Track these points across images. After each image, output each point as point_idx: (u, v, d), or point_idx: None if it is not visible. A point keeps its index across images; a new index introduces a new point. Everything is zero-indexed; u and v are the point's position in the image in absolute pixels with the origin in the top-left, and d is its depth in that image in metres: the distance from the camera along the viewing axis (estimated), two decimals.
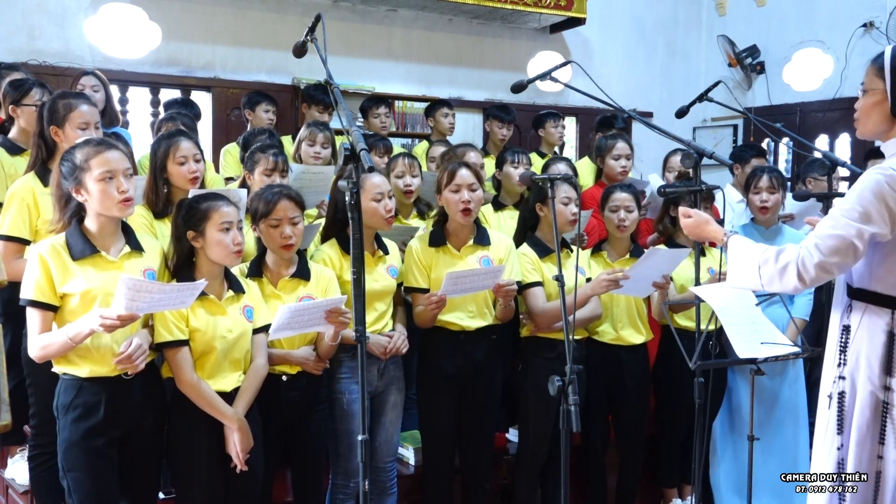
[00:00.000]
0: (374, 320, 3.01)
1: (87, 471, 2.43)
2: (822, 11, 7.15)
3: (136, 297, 2.23)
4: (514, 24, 7.15)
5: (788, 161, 7.51)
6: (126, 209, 2.45)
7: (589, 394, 3.43)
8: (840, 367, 2.20)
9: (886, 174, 2.06)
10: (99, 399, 2.44)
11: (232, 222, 2.59)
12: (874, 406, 2.12)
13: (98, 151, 2.41)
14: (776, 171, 3.82)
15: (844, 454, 2.18)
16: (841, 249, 2.07)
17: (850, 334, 2.19)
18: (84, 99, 3.10)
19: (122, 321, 2.24)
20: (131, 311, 2.24)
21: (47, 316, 2.39)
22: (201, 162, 3.09)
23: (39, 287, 2.36)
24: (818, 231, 2.12)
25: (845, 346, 2.20)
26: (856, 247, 2.07)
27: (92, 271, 2.41)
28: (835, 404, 2.20)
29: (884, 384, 2.12)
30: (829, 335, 2.29)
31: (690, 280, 3.19)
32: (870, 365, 2.14)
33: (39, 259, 2.37)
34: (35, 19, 5.48)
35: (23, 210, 2.86)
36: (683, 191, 3.00)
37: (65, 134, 2.96)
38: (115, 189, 2.40)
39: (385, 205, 3.00)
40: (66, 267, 2.39)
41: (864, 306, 2.17)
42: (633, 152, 4.37)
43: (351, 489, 3.02)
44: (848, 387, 2.18)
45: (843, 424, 2.18)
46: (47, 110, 2.99)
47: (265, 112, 4.96)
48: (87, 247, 2.42)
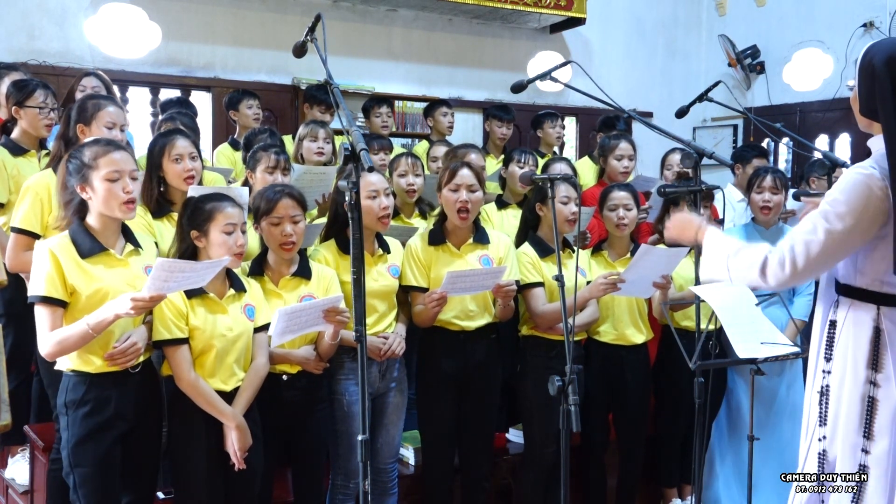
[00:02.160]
0: (374, 321, 3.01)
1: (96, 466, 2.45)
2: (822, 11, 7.16)
3: (169, 278, 2.28)
4: (514, 24, 7.15)
5: (788, 161, 7.51)
6: (129, 211, 2.47)
7: (589, 393, 3.43)
8: (827, 362, 2.21)
9: (866, 173, 2.06)
10: (109, 394, 2.46)
11: (236, 224, 2.60)
12: (860, 401, 2.13)
13: (107, 151, 2.43)
14: (779, 171, 3.83)
15: (827, 446, 2.19)
16: (820, 256, 2.07)
17: (836, 329, 2.20)
18: (112, 101, 3.15)
19: (153, 301, 2.30)
20: (161, 292, 2.30)
21: (58, 312, 2.39)
22: (197, 160, 3.09)
23: (52, 283, 2.37)
24: (796, 234, 2.11)
25: (831, 342, 2.21)
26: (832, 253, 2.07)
27: (102, 269, 2.43)
28: (821, 398, 2.21)
29: (870, 379, 2.13)
30: (813, 330, 2.30)
31: (691, 280, 3.19)
32: (856, 360, 2.14)
33: (51, 255, 2.37)
34: (35, 19, 5.48)
35: (36, 205, 2.89)
36: (683, 191, 3.00)
37: (91, 132, 2.99)
38: (120, 189, 2.42)
39: (380, 203, 2.99)
40: (77, 264, 2.40)
41: (850, 302, 2.17)
42: (636, 153, 4.37)
43: (351, 489, 3.02)
44: (834, 381, 2.19)
45: (828, 417, 2.19)
46: (76, 110, 3.04)
47: (248, 109, 4.92)
48: (95, 245, 2.44)
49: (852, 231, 2.05)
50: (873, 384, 2.12)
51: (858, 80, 2.14)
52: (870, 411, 2.12)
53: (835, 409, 2.18)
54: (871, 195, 2.04)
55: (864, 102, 2.14)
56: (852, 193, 2.06)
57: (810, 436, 2.26)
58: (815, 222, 2.09)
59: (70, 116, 3.07)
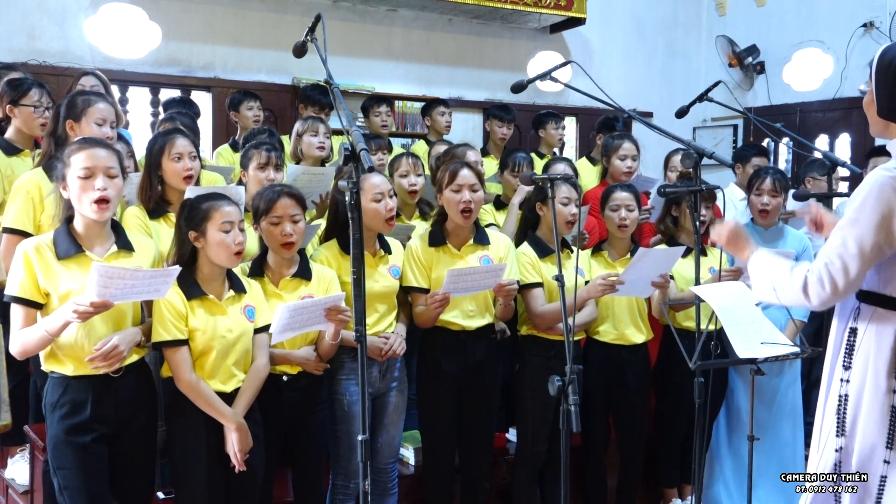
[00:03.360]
0: (375, 321, 3.00)
1: (75, 467, 2.43)
2: (822, 11, 7.15)
3: (109, 284, 2.21)
4: (514, 24, 7.15)
5: (788, 161, 7.51)
6: (101, 210, 2.39)
7: (589, 393, 3.43)
8: (846, 371, 2.18)
9: (891, 175, 2.03)
10: (85, 397, 2.44)
11: (233, 222, 2.58)
12: (882, 410, 2.10)
13: (81, 148, 2.40)
14: (779, 172, 3.81)
15: (843, 457, 2.16)
16: (853, 269, 2.04)
17: (856, 337, 2.16)
18: (102, 97, 3.12)
19: (95, 308, 2.23)
20: (104, 298, 2.23)
21: (30, 312, 2.39)
22: (197, 160, 3.08)
23: (22, 284, 2.37)
24: (830, 251, 2.08)
25: (851, 349, 2.17)
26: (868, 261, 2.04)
27: (76, 270, 2.40)
28: (839, 407, 2.18)
29: (892, 388, 2.10)
30: (831, 337, 2.26)
31: (691, 280, 3.19)
32: (877, 369, 2.11)
33: (24, 257, 2.38)
34: (35, 19, 5.48)
35: (27, 204, 2.87)
36: (684, 191, 3.00)
37: (80, 129, 2.96)
38: (91, 187, 2.36)
39: (386, 205, 2.99)
40: (49, 266, 2.38)
41: (873, 309, 2.14)
42: (639, 153, 4.37)
43: (351, 490, 3.02)
44: (853, 390, 2.15)
45: (845, 427, 2.16)
46: (65, 106, 3.00)
47: (249, 110, 4.93)
48: (72, 246, 2.41)
49: (880, 234, 2.02)
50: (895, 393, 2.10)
51: (877, 81, 2.10)
52: (892, 421, 2.10)
53: (852, 419, 2.15)
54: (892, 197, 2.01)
55: (885, 103, 2.11)
56: (877, 196, 2.03)
57: (824, 444, 2.22)
58: (844, 235, 2.06)
59: (59, 113, 3.02)
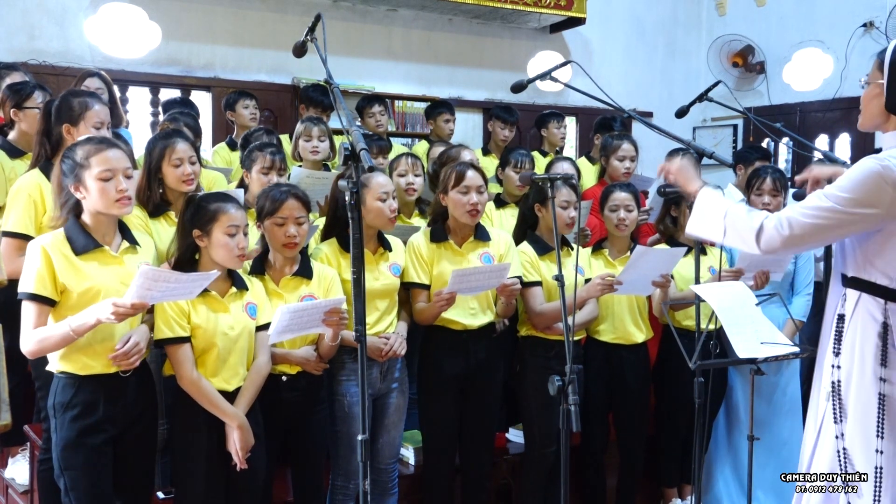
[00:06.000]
0: (375, 320, 3.00)
1: (85, 469, 2.43)
2: (822, 11, 7.15)
3: (152, 287, 2.24)
4: (514, 24, 7.15)
5: (788, 161, 7.51)
6: (124, 207, 2.44)
7: (589, 393, 3.43)
8: (836, 357, 2.20)
9: (883, 164, 2.07)
10: (97, 397, 2.44)
11: (238, 226, 2.59)
12: (870, 398, 2.11)
13: (99, 150, 2.42)
14: (779, 172, 3.81)
15: (847, 444, 2.16)
16: (813, 232, 2.10)
17: (844, 324, 2.20)
18: (97, 98, 3.11)
19: (134, 310, 2.26)
20: (144, 301, 2.26)
21: (44, 310, 2.38)
22: (196, 164, 3.08)
23: (41, 280, 2.35)
24: (799, 206, 2.13)
25: (840, 336, 2.20)
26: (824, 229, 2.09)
27: (96, 266, 2.42)
28: (833, 393, 2.19)
29: (879, 375, 2.11)
30: (823, 324, 2.29)
31: (691, 280, 3.19)
32: (864, 355, 2.13)
33: (42, 252, 2.36)
34: (35, 19, 5.48)
35: (29, 206, 2.85)
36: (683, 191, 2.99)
37: (78, 132, 2.93)
38: (113, 188, 2.40)
39: (390, 205, 3.00)
40: (69, 261, 2.38)
41: (858, 295, 2.17)
42: (637, 154, 4.37)
43: (351, 490, 3.02)
44: (844, 376, 2.17)
45: (842, 413, 2.17)
46: (58, 108, 2.97)
47: (245, 109, 4.93)
48: (89, 241, 2.42)
49: (851, 215, 2.07)
50: (884, 381, 2.10)
51: (889, 74, 2.13)
52: (881, 409, 2.10)
53: (846, 406, 2.16)
54: (881, 187, 2.04)
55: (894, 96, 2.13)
56: (860, 180, 2.07)
57: (821, 431, 2.23)
58: (817, 198, 2.12)
59: (49, 112, 2.98)
